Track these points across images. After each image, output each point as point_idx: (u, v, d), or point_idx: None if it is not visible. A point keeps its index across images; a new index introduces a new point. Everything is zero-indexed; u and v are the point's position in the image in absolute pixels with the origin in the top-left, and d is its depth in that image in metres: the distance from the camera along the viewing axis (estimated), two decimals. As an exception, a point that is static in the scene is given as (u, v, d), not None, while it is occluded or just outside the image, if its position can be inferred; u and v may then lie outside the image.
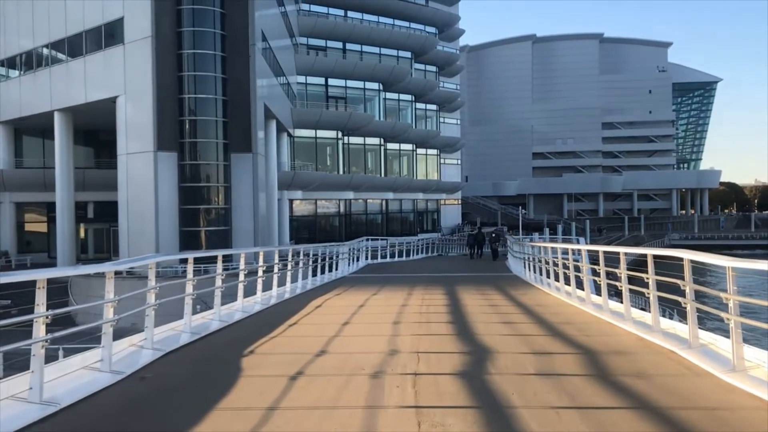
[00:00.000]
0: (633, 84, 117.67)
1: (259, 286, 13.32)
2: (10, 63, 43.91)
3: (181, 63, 35.49)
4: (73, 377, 6.34)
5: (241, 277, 11.84)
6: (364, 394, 5.88)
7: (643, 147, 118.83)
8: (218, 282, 10.45)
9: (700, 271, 7.96)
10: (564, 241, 39.05)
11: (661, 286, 8.66)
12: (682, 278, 7.44)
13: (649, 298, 8.83)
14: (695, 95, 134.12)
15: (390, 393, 5.87)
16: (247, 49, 36.58)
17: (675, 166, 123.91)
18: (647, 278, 8.57)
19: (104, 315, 6.62)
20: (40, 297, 5.50)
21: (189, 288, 9.18)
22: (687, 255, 7.19)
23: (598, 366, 6.97)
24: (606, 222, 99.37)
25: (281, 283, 15.78)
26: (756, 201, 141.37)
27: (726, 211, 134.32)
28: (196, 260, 20.22)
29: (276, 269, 14.52)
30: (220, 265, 10.45)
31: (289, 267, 15.91)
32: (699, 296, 7.59)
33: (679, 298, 7.54)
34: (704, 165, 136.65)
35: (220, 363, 7.51)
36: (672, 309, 13.87)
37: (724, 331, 7.18)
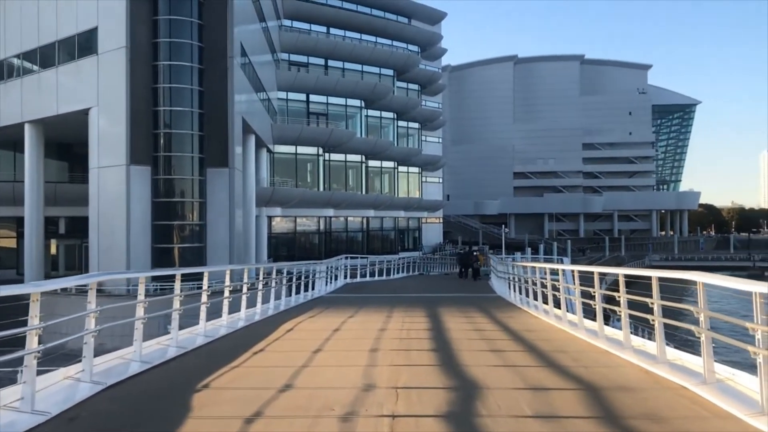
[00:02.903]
0: (613, 105, 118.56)
1: (225, 308, 12.30)
2: (-19, 73, 42.57)
3: (156, 75, 34.47)
4: None
5: (204, 298, 10.82)
6: None
7: (624, 168, 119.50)
8: (176, 304, 9.43)
9: (710, 294, 7.12)
10: (546, 261, 38.41)
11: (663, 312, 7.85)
12: (688, 302, 6.65)
13: (653, 324, 7.95)
14: (674, 117, 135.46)
15: None
16: (226, 63, 35.70)
17: (655, 188, 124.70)
18: (652, 303, 7.72)
19: (27, 343, 5.61)
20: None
21: (140, 311, 8.16)
22: (701, 278, 6.37)
23: (602, 405, 6.08)
24: (586, 242, 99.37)
25: (252, 303, 14.77)
26: (733, 223, 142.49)
27: (705, 232, 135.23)
28: (168, 278, 19.10)
29: (245, 289, 13.46)
30: (178, 285, 9.47)
31: (260, 287, 14.87)
32: (715, 325, 6.73)
33: (690, 326, 6.67)
34: (683, 186, 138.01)
35: (167, 399, 6.50)
36: (673, 335, 13.05)
37: (745, 366, 6.39)
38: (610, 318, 16.93)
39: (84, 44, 35.45)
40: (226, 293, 12.19)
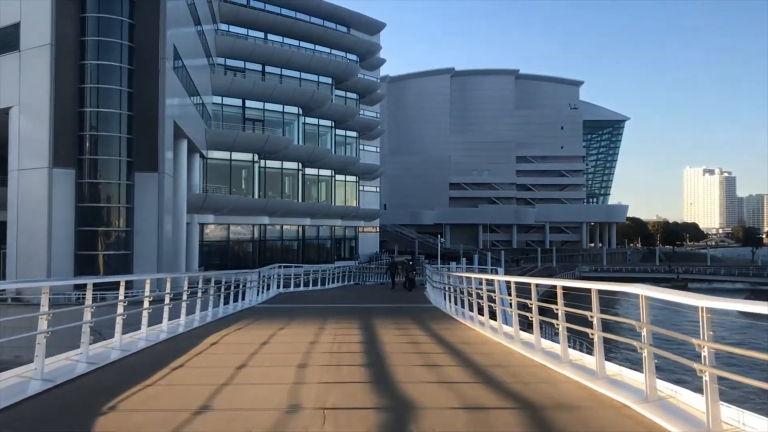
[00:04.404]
0: (546, 120, 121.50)
1: (145, 320, 11.59)
2: None
3: (83, 74, 33.07)
4: None
5: (120, 309, 10.12)
6: None
7: (555, 181, 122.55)
8: (87, 316, 8.74)
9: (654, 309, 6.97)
10: (480, 271, 38.63)
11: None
12: (630, 316, 6.47)
13: (592, 338, 7.75)
14: (604, 132, 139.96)
15: None
16: (157, 64, 34.55)
17: (585, 201, 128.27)
18: (591, 316, 7.52)
19: None
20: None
21: (42, 324, 7.46)
22: (645, 291, 6.19)
23: (543, 426, 5.80)
24: (519, 253, 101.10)
25: (177, 315, 14.05)
26: (658, 236, 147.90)
27: (632, 245, 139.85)
28: (93, 287, 18.05)
29: (167, 299, 12.76)
30: (89, 296, 8.77)
31: (184, 297, 14.16)
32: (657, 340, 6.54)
33: (633, 341, 6.49)
34: (612, 200, 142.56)
35: (65, 426, 5.87)
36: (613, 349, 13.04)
37: (689, 383, 6.26)
38: (542, 328, 16.91)
39: (5, 40, 33.64)
40: (146, 304, 11.49)
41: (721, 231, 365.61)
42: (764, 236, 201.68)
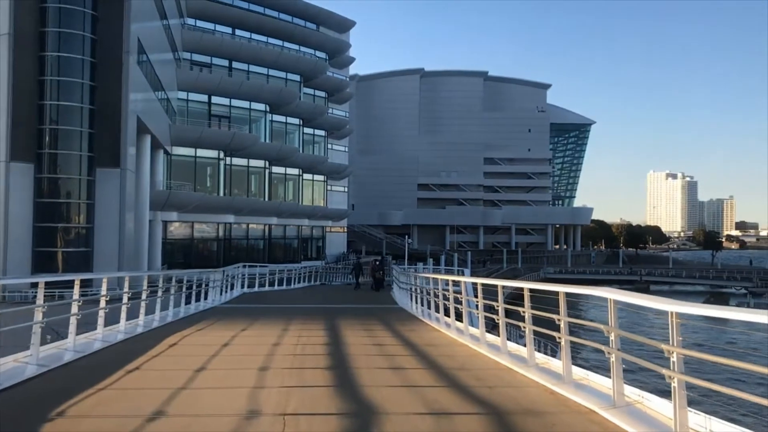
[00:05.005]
0: (514, 122, 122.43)
1: (101, 320, 11.17)
2: None
3: (43, 66, 32.16)
4: None
5: (74, 309, 9.71)
6: None
7: (522, 183, 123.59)
8: (38, 316, 8.34)
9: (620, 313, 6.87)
10: (447, 272, 38.63)
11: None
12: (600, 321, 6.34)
13: (559, 341, 7.63)
14: (571, 135, 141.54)
15: None
16: (121, 58, 33.80)
17: (550, 203, 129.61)
18: (558, 320, 7.39)
19: None
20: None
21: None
22: (613, 296, 6.07)
23: None
24: (486, 254, 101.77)
25: (136, 314, 13.63)
26: (622, 238, 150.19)
27: (596, 247, 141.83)
28: (51, 285, 17.51)
29: (125, 299, 12.34)
30: (41, 295, 8.38)
31: (144, 296, 13.74)
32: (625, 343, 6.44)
33: (601, 346, 6.37)
34: (577, 202, 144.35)
35: None
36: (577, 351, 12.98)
37: (658, 388, 6.15)
38: (508, 330, 16.88)
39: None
40: (102, 303, 11.08)
41: (682, 234, 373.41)
42: (724, 240, 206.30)
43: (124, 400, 6.81)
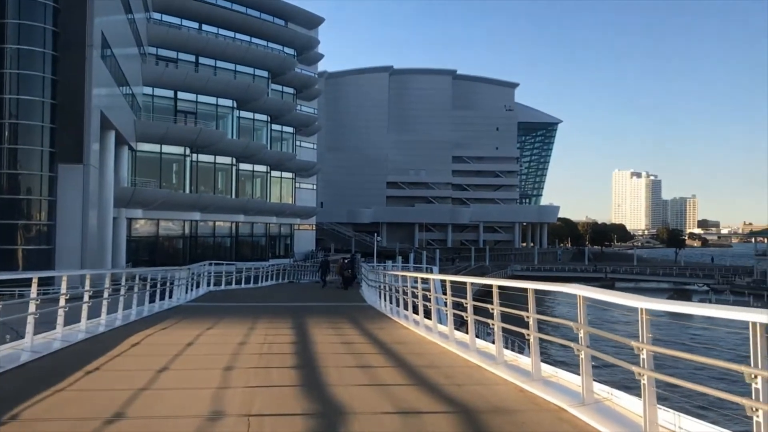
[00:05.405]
0: (482, 121, 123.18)
1: (61, 319, 10.86)
2: None
3: (2, 58, 31.31)
4: None
5: (32, 308, 9.41)
6: None
7: (490, 181, 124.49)
8: (-9, 315, 8.05)
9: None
10: (415, 269, 38.68)
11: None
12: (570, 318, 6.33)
13: (527, 338, 7.60)
14: (538, 134, 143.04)
15: None
16: (84, 52, 33.07)
17: (518, 201, 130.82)
18: (527, 317, 7.37)
19: None
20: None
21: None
22: (582, 292, 6.05)
23: (478, 431, 5.60)
24: (454, 252, 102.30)
25: (97, 313, 13.30)
26: (587, 236, 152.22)
27: (562, 245, 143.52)
28: (9, 283, 16.98)
29: (86, 297, 12.02)
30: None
31: (106, 294, 13.42)
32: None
33: (570, 343, 6.35)
34: (544, 201, 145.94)
35: None
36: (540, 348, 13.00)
37: (623, 384, 6.15)
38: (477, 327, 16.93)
39: None
40: (62, 302, 10.77)
41: (647, 232, 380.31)
42: (686, 238, 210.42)
43: (82, 402, 6.59)
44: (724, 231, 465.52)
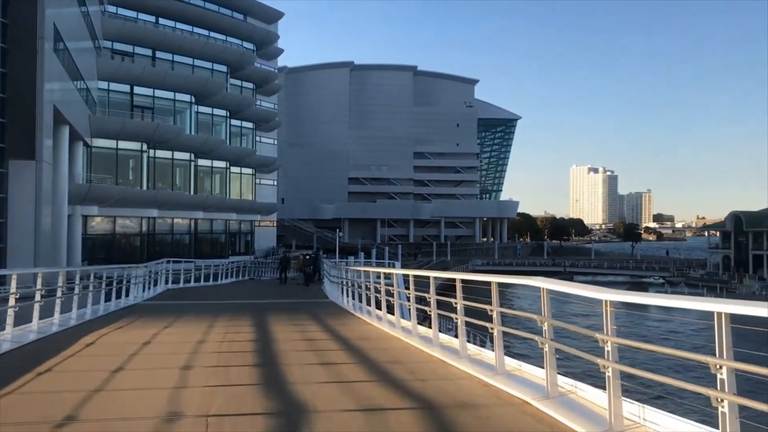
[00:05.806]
0: (443, 117, 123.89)
1: (11, 319, 10.50)
2: None
3: (-53, 51, 30.17)
4: None
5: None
6: None
7: (451, 177, 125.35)
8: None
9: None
10: (378, 265, 38.70)
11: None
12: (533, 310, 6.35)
13: (491, 332, 7.59)
14: (497, 131, 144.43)
15: None
16: (35, 44, 32.03)
17: (478, 197, 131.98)
18: (491, 310, 7.36)
19: None
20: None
21: None
22: (546, 285, 6.06)
23: (443, 427, 5.55)
24: (416, 247, 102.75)
25: (50, 313, 12.91)
26: (546, 231, 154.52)
27: (522, 239, 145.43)
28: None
29: (38, 296, 11.65)
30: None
31: (59, 293, 13.03)
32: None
33: (534, 336, 6.36)
34: (503, 196, 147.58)
35: None
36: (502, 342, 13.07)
37: (588, 376, 6.18)
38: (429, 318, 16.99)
39: None
40: (12, 301, 10.41)
41: (604, 226, 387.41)
42: (642, 232, 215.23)
43: (31, 405, 6.35)
44: (679, 225, 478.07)
